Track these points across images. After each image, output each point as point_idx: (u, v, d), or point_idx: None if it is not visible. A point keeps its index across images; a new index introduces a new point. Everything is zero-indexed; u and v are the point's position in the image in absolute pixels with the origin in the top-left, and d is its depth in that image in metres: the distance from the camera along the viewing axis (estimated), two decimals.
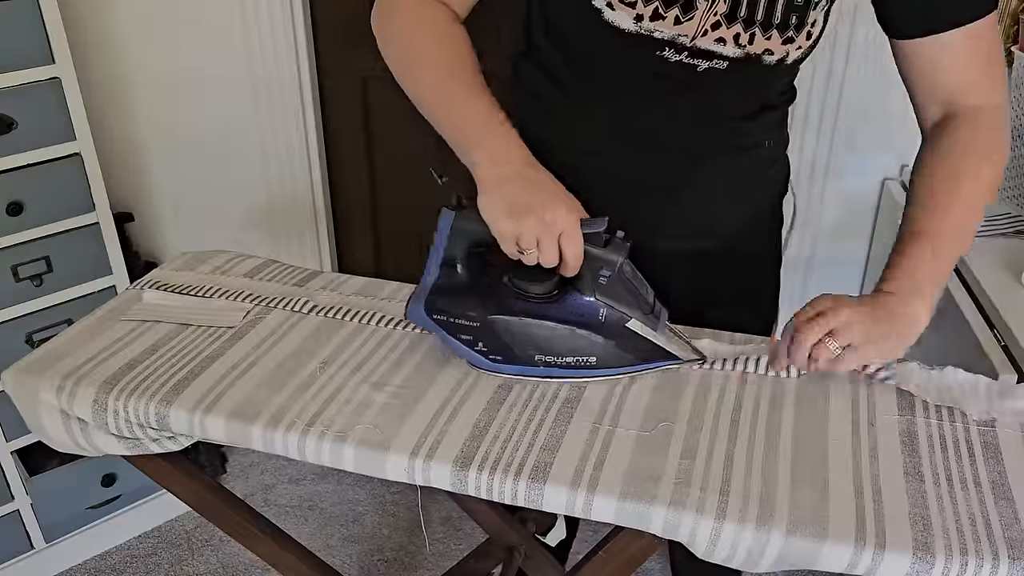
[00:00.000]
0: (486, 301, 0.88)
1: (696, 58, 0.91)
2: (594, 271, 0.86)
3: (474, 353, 0.89)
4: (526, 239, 0.83)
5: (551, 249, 0.84)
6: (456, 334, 0.89)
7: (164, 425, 0.87)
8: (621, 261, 0.85)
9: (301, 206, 2.06)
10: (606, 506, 0.75)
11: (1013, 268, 1.33)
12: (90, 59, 1.87)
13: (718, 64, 0.92)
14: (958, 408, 0.86)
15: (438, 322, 0.90)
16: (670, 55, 0.92)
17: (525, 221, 0.83)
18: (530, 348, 0.88)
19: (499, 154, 0.88)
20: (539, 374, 0.89)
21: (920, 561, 0.69)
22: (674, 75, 0.93)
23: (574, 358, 0.87)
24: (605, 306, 0.86)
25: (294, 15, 1.85)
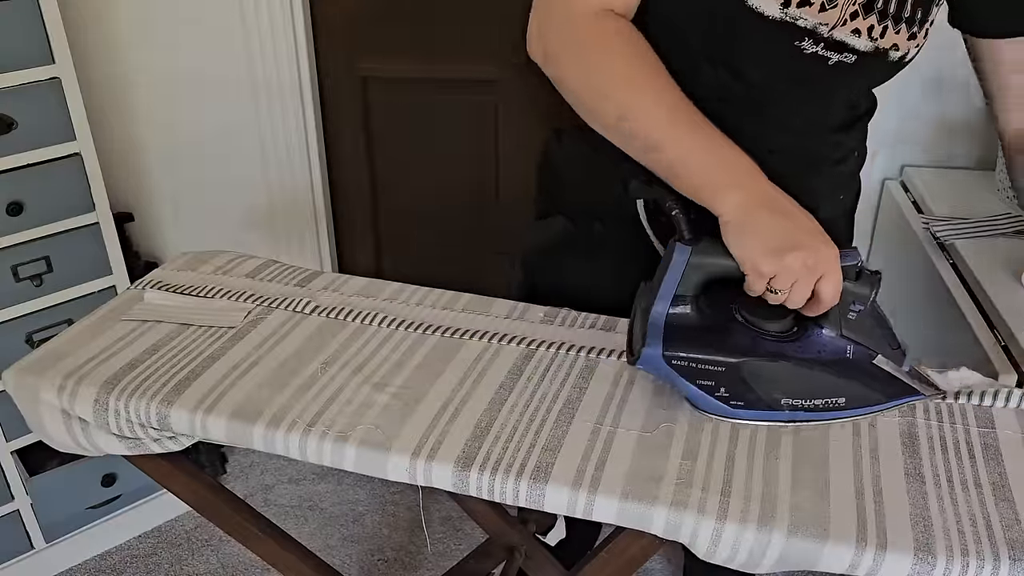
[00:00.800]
0: (729, 343, 0.82)
1: (830, 50, 0.89)
2: (845, 306, 0.80)
3: (713, 400, 0.82)
4: (783, 280, 0.78)
5: (806, 291, 0.78)
6: (695, 380, 0.81)
7: (165, 425, 0.87)
8: (873, 295, 0.80)
9: (301, 206, 2.06)
10: (607, 507, 0.75)
11: (1013, 268, 1.33)
12: (90, 59, 1.87)
13: (847, 58, 0.90)
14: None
15: (676, 368, 0.81)
16: (807, 45, 0.89)
17: (787, 261, 0.77)
18: (776, 392, 0.81)
19: (746, 180, 0.82)
20: (785, 419, 0.82)
21: (921, 562, 0.69)
22: (805, 70, 0.91)
23: (823, 400, 0.81)
24: (853, 343, 0.81)
25: (294, 15, 1.85)
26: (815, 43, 0.89)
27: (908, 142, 1.73)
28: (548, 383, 0.89)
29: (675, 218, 0.81)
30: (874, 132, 1.72)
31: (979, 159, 1.73)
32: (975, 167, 1.73)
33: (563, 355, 0.94)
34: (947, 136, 1.72)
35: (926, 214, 1.58)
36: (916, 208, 1.63)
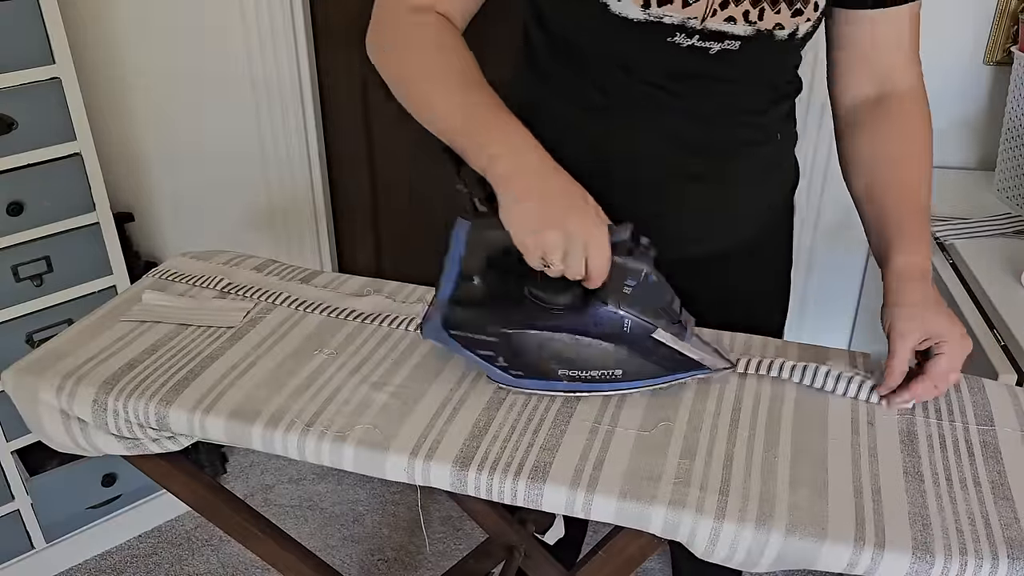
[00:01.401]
0: (506, 314, 0.85)
1: (707, 40, 0.90)
2: (619, 280, 0.82)
3: (495, 368, 0.86)
4: (552, 255, 0.80)
5: (578, 262, 0.80)
6: (475, 349, 0.86)
7: (164, 425, 0.87)
8: (646, 270, 0.82)
9: (301, 206, 2.06)
10: (606, 506, 0.75)
11: (1013, 268, 1.33)
12: (90, 59, 1.88)
13: (730, 45, 0.90)
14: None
15: (455, 337, 0.86)
16: (681, 40, 0.90)
17: (551, 233, 0.79)
18: (553, 362, 0.84)
19: (518, 156, 0.84)
20: (564, 388, 0.86)
21: (919, 561, 0.69)
22: (687, 64, 0.92)
23: (599, 371, 0.84)
24: (630, 316, 0.83)
25: (294, 15, 1.85)
26: (688, 36, 0.90)
27: None
28: None
29: (460, 193, 0.84)
30: None
31: (979, 159, 1.73)
32: (975, 167, 1.73)
33: None
34: (947, 136, 1.72)
35: None
36: None
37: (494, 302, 0.86)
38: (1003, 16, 1.59)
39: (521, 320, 0.85)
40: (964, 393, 0.88)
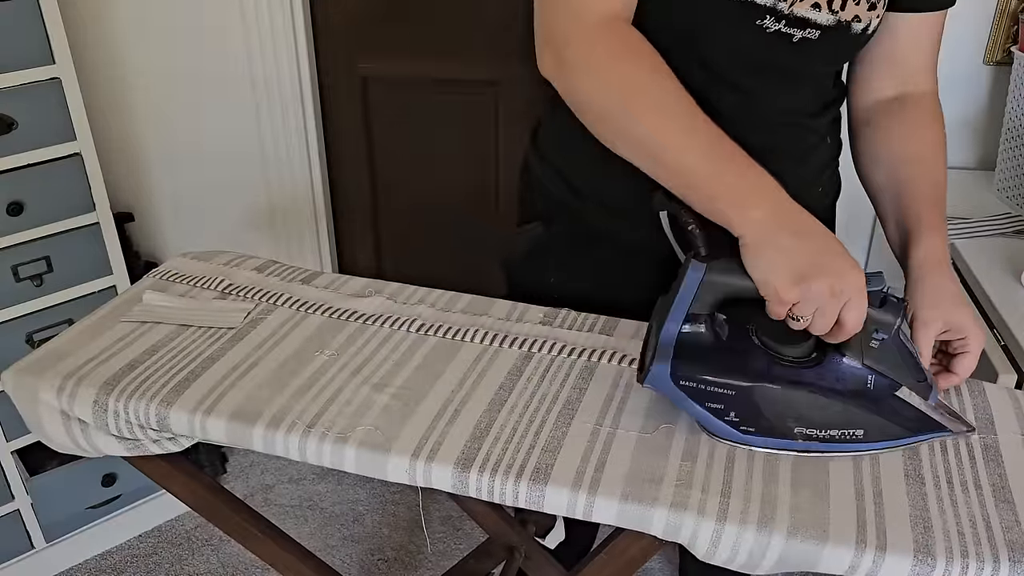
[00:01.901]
0: (739, 365, 0.79)
1: (793, 27, 0.89)
2: (866, 333, 0.76)
3: (721, 423, 0.78)
4: (806, 307, 0.74)
5: (831, 318, 0.75)
6: (704, 402, 0.78)
7: (164, 426, 0.87)
8: (899, 323, 0.76)
9: (301, 206, 2.06)
10: (607, 508, 0.75)
11: (1013, 268, 1.33)
12: (90, 59, 1.87)
13: (811, 34, 0.90)
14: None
15: (684, 388, 0.78)
16: (769, 23, 0.88)
17: (813, 288, 0.73)
18: (789, 419, 0.77)
19: (774, 200, 0.78)
20: (798, 448, 0.78)
21: (921, 563, 0.69)
22: (770, 51, 0.91)
23: (839, 431, 0.77)
24: (874, 373, 0.77)
25: (294, 15, 1.85)
26: (777, 20, 0.89)
27: None
28: (548, 384, 0.89)
29: (691, 233, 0.78)
30: None
31: (979, 159, 1.73)
32: (975, 167, 1.73)
33: (563, 356, 0.93)
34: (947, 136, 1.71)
35: None
36: None
37: (723, 351, 0.79)
38: (1003, 16, 1.59)
39: (757, 372, 0.78)
40: (965, 396, 0.88)
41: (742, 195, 0.78)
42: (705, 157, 0.80)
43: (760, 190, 0.79)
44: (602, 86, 0.84)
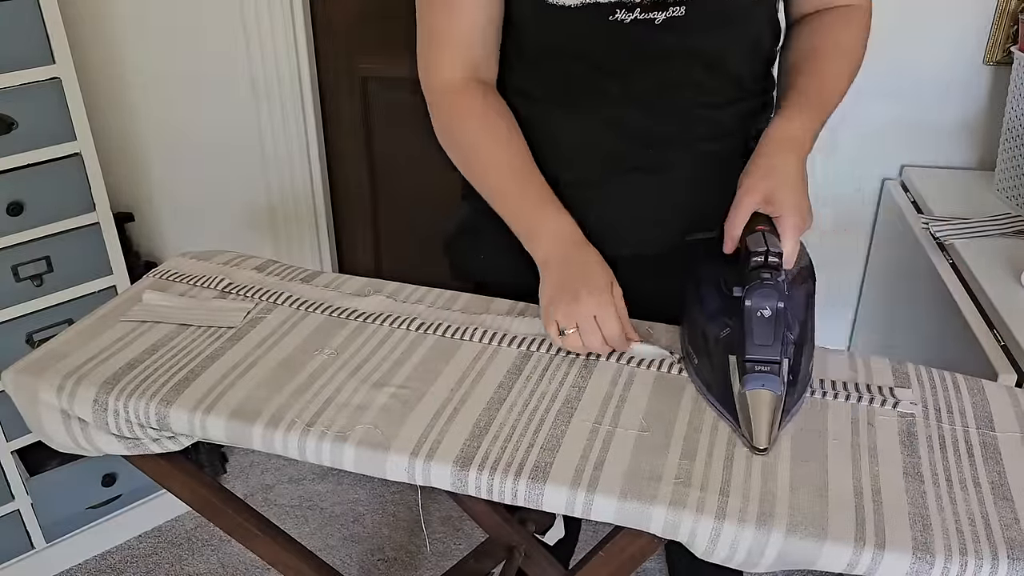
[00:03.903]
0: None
1: (651, 11, 0.90)
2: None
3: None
4: (564, 321, 0.90)
5: (591, 335, 0.90)
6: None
7: (164, 425, 0.87)
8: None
9: (301, 206, 2.06)
10: (606, 506, 0.75)
11: (1013, 268, 1.33)
12: (90, 59, 1.87)
13: (675, 11, 0.91)
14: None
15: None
16: (623, 15, 0.91)
17: (563, 305, 0.90)
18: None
19: (549, 238, 0.95)
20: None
21: (919, 561, 0.69)
22: (635, 42, 0.92)
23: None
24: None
25: (294, 15, 1.85)
26: (629, 10, 0.91)
27: (908, 142, 1.73)
28: (547, 383, 0.89)
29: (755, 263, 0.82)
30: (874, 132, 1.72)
31: (979, 159, 1.73)
32: (975, 167, 1.73)
33: (561, 355, 0.94)
34: (947, 136, 1.72)
35: (926, 214, 1.58)
36: (916, 208, 1.63)
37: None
38: (1003, 16, 1.59)
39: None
40: (964, 394, 0.88)
41: (535, 235, 0.97)
42: (514, 203, 0.99)
43: (540, 233, 0.96)
44: (446, 144, 1.03)
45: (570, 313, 0.90)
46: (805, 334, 0.86)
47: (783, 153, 0.91)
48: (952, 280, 1.37)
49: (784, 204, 0.87)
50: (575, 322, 0.90)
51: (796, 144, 0.92)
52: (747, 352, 0.80)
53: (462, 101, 1.00)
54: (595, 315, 0.89)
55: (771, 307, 0.79)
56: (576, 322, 0.90)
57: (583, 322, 0.90)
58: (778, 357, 0.79)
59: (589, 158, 1.01)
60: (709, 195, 1.00)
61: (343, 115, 2.03)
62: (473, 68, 1.00)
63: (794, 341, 0.83)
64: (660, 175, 1.01)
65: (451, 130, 1.02)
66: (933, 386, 0.89)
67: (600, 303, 0.90)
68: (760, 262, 0.80)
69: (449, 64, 1.00)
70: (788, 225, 0.87)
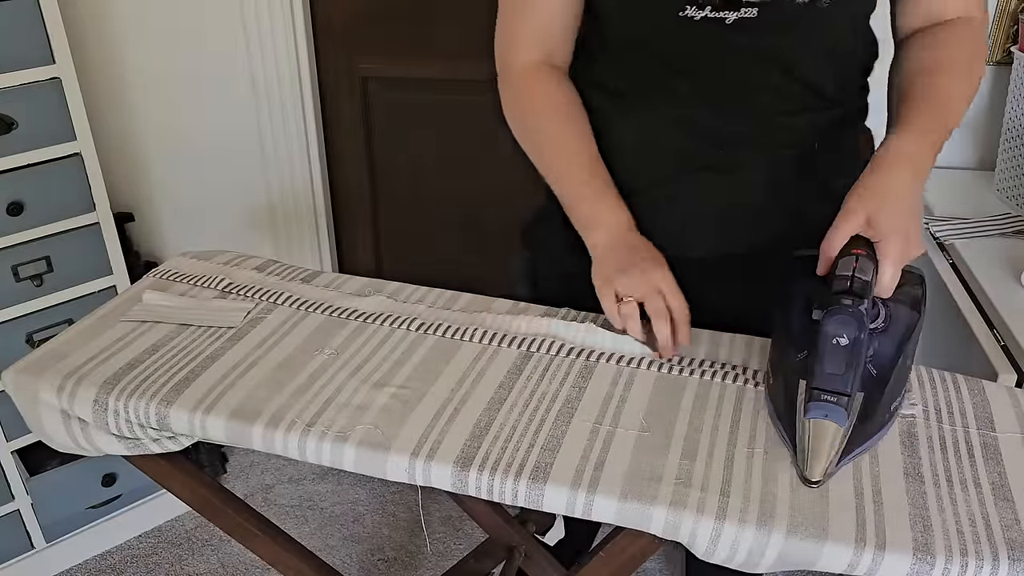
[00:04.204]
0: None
1: (722, 10, 0.89)
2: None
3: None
4: (626, 288, 0.90)
5: (656, 303, 0.89)
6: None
7: (164, 425, 0.87)
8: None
9: (301, 206, 2.06)
10: (606, 506, 0.75)
11: (1013, 268, 1.33)
12: (90, 59, 1.87)
13: (747, 12, 0.89)
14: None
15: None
16: (693, 12, 0.89)
17: (625, 276, 0.90)
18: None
19: (606, 226, 0.96)
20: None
21: (920, 562, 0.69)
22: (704, 40, 0.91)
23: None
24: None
25: (294, 15, 1.85)
26: (700, 7, 0.90)
27: None
28: (547, 383, 0.89)
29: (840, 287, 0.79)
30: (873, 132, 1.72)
31: (979, 159, 1.73)
32: (975, 167, 1.73)
33: (562, 355, 0.94)
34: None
35: (926, 214, 1.58)
36: None
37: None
38: (1003, 16, 1.59)
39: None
40: (964, 395, 0.88)
41: (591, 222, 0.97)
42: (572, 189, 1.00)
43: (603, 220, 0.96)
44: (513, 123, 1.04)
45: (634, 283, 0.89)
46: (893, 371, 0.80)
47: (894, 172, 0.83)
48: (952, 280, 1.37)
49: (885, 228, 0.80)
50: (640, 292, 0.89)
51: (909, 161, 0.84)
52: (816, 379, 0.76)
53: (535, 84, 1.02)
54: (660, 288, 0.89)
55: (848, 335, 0.74)
56: (641, 293, 0.89)
57: (648, 293, 0.89)
58: (848, 389, 0.75)
59: (658, 155, 1.01)
60: (781, 201, 1.00)
61: (343, 115, 2.03)
62: (548, 53, 1.02)
63: (875, 375, 0.79)
64: (730, 176, 0.99)
65: (521, 110, 1.03)
66: (933, 386, 0.89)
67: (665, 277, 0.90)
68: (844, 287, 0.76)
69: (527, 46, 1.01)
70: (887, 252, 0.80)
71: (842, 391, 0.75)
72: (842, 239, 0.82)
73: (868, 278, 0.77)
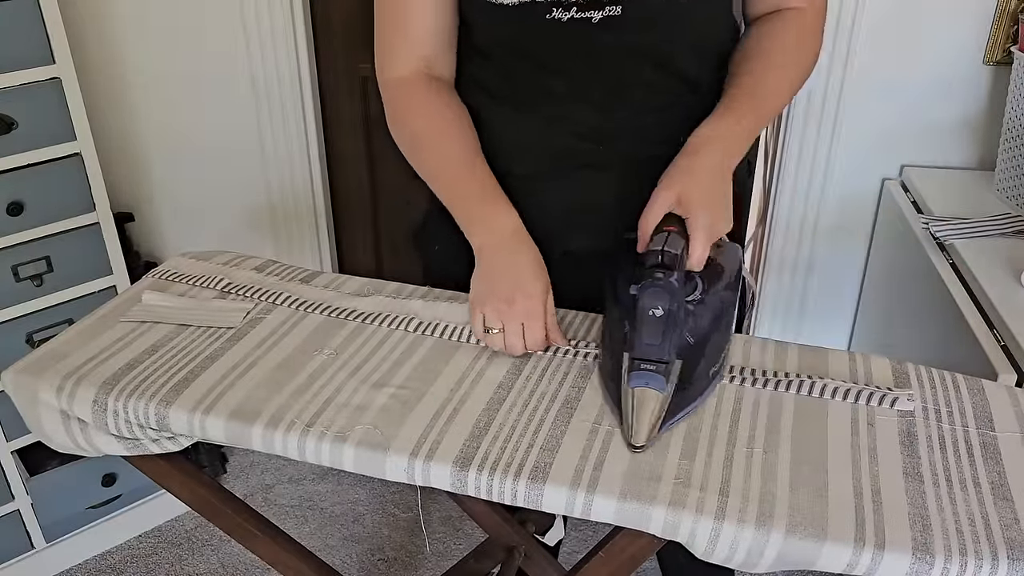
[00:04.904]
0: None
1: (588, 9, 0.91)
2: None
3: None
4: (490, 320, 0.92)
5: (514, 338, 0.91)
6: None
7: (164, 425, 0.87)
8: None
9: (301, 206, 2.06)
10: (606, 506, 0.75)
11: (1013, 268, 1.33)
12: (90, 59, 1.88)
13: (612, 10, 0.90)
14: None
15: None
16: (559, 14, 0.91)
17: (491, 306, 0.92)
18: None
19: (490, 229, 0.96)
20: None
21: (919, 561, 0.69)
22: (574, 41, 0.93)
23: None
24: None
25: (294, 15, 1.85)
26: (566, 9, 0.91)
27: (908, 142, 1.73)
28: (546, 383, 0.89)
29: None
30: (874, 132, 1.72)
31: (979, 159, 1.73)
32: (975, 167, 1.73)
33: (561, 355, 0.94)
34: (947, 136, 1.72)
35: (925, 214, 1.58)
36: (916, 208, 1.62)
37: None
38: (1003, 16, 1.59)
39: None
40: (963, 394, 0.88)
41: (475, 224, 0.97)
42: (457, 191, 0.99)
43: (479, 225, 0.97)
44: (396, 136, 1.04)
45: (500, 313, 0.91)
46: (710, 339, 0.85)
47: (703, 154, 0.89)
48: (952, 280, 1.37)
49: (693, 204, 0.85)
50: (502, 324, 0.91)
51: (721, 144, 0.90)
52: (636, 350, 0.81)
53: (413, 94, 1.02)
54: (523, 322, 0.91)
55: (662, 306, 0.79)
56: (504, 324, 0.91)
57: (510, 325, 0.91)
58: (666, 357, 0.80)
59: (539, 154, 1.03)
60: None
61: (343, 115, 2.03)
62: (426, 64, 1.02)
63: (693, 344, 0.83)
64: (610, 172, 1.01)
65: (402, 122, 1.03)
66: (933, 386, 0.89)
67: (530, 312, 0.91)
68: (656, 261, 0.81)
69: (403, 59, 1.01)
70: (696, 227, 0.85)
71: (660, 359, 0.80)
72: (655, 216, 0.86)
73: (677, 251, 0.81)
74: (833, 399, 0.86)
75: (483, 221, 0.97)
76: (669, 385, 0.80)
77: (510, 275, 0.93)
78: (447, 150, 1.00)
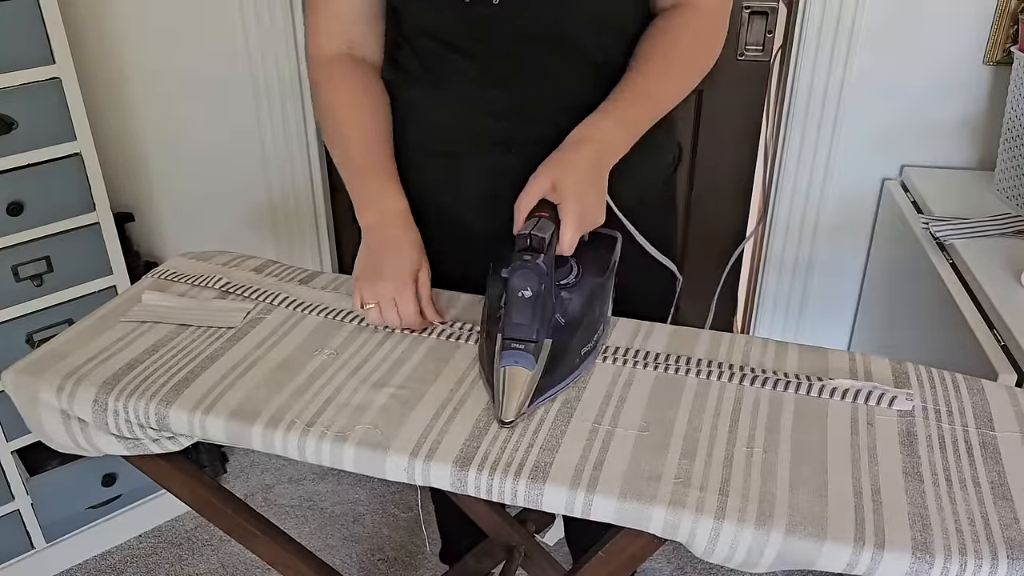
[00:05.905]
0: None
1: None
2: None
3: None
4: (367, 296, 0.96)
5: (388, 311, 0.96)
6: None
7: (164, 425, 0.87)
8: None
9: (301, 206, 2.06)
10: (606, 506, 0.75)
11: (1013, 268, 1.33)
12: (90, 59, 1.87)
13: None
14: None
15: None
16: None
17: (370, 283, 0.96)
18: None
19: (379, 211, 1.01)
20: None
21: (919, 561, 0.69)
22: (477, 19, 0.95)
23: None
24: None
25: (294, 15, 1.85)
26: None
27: (908, 142, 1.73)
28: None
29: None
30: (874, 132, 1.72)
31: (979, 159, 1.73)
32: (975, 167, 1.73)
33: None
34: (947, 136, 1.72)
35: (925, 214, 1.58)
36: (916, 208, 1.63)
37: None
38: (1003, 16, 1.59)
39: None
40: (963, 394, 0.88)
41: (359, 203, 1.02)
42: (354, 170, 1.03)
43: (369, 203, 1.01)
44: (315, 110, 1.10)
45: (372, 290, 0.95)
46: (582, 321, 0.88)
47: (581, 151, 0.92)
48: (952, 280, 1.37)
49: (565, 192, 0.88)
50: (376, 299, 0.95)
51: (599, 144, 0.93)
52: (507, 330, 0.83)
53: (334, 73, 1.06)
54: (394, 297, 0.95)
55: (531, 287, 0.81)
56: (378, 300, 0.95)
57: (383, 301, 0.95)
58: (535, 337, 0.82)
59: (453, 133, 1.05)
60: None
61: None
62: (349, 44, 1.06)
63: (564, 324, 0.86)
64: (518, 151, 1.02)
65: (320, 99, 1.07)
66: (933, 386, 0.89)
67: (398, 287, 0.95)
68: (525, 245, 0.83)
69: (326, 37, 1.06)
70: (566, 211, 0.88)
71: (529, 338, 0.82)
72: (529, 201, 0.89)
73: (546, 235, 0.83)
74: (833, 399, 0.86)
75: (373, 201, 1.01)
76: (538, 364, 0.83)
77: (386, 253, 0.98)
78: (353, 129, 1.04)
